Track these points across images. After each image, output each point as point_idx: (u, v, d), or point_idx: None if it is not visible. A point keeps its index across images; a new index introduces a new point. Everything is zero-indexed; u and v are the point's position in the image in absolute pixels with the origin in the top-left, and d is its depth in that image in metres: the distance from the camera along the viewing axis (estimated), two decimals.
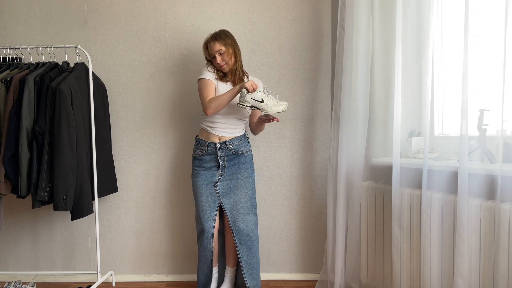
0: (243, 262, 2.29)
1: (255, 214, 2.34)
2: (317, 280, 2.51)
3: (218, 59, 2.24)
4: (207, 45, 2.28)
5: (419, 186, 1.86)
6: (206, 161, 2.30)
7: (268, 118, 2.24)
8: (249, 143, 2.39)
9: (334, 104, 2.33)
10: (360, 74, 2.15)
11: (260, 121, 2.31)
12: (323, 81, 2.65)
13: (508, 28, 1.48)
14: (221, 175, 2.29)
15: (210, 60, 2.31)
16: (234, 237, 2.28)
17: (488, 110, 1.68)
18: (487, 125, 1.69)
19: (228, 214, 2.28)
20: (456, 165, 1.65)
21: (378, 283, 2.14)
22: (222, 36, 2.27)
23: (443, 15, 2.03)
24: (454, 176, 1.68)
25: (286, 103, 2.21)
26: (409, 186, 1.95)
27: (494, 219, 1.54)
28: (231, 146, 2.28)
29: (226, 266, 2.42)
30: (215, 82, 2.30)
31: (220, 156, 2.28)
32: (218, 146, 2.27)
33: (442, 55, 2.03)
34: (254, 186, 2.37)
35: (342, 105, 2.23)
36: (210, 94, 2.24)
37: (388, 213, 2.02)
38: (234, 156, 2.30)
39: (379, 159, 2.16)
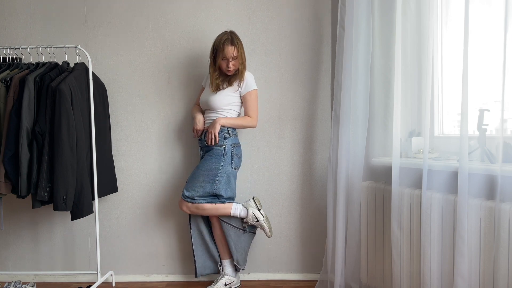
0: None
1: (210, 186, 2.32)
2: (317, 280, 2.51)
3: (231, 64, 2.31)
4: (223, 46, 2.28)
5: (419, 186, 1.86)
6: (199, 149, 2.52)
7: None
8: (225, 139, 2.35)
9: (334, 104, 2.33)
10: (360, 74, 2.15)
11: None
12: (323, 81, 2.65)
13: (508, 28, 1.48)
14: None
15: (215, 58, 2.34)
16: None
17: (488, 110, 1.68)
18: (487, 125, 1.69)
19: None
20: (456, 165, 1.65)
21: (378, 283, 2.14)
22: (237, 41, 2.32)
23: (442, 15, 2.03)
24: (454, 176, 1.68)
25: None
26: (409, 186, 1.95)
27: (494, 219, 1.54)
28: (204, 138, 2.41)
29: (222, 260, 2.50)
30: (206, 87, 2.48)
31: (200, 147, 2.46)
32: (201, 136, 2.44)
33: (442, 55, 2.03)
34: (216, 181, 2.31)
35: (342, 105, 2.23)
36: (197, 99, 2.59)
37: (388, 213, 2.02)
38: (207, 148, 2.40)
39: (379, 159, 2.16)
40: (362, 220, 2.22)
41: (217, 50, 2.31)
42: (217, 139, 2.33)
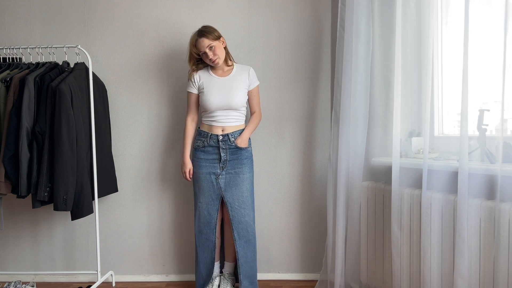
0: (239, 257, 2.32)
1: (254, 210, 2.38)
2: (317, 280, 2.51)
3: (210, 54, 2.26)
4: (194, 43, 2.28)
5: (419, 186, 1.86)
6: (208, 153, 2.33)
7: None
8: (249, 138, 2.41)
9: (334, 104, 2.33)
10: (360, 74, 2.15)
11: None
12: (323, 81, 2.65)
13: (508, 28, 1.48)
14: (223, 168, 2.31)
15: (197, 58, 2.34)
16: (233, 232, 2.31)
17: (488, 110, 1.68)
18: (487, 125, 1.69)
19: (230, 208, 2.30)
20: (456, 165, 1.65)
21: (378, 283, 2.14)
22: (209, 30, 2.27)
23: (442, 15, 2.03)
24: (454, 176, 1.68)
25: None
26: (409, 186, 1.95)
27: (494, 219, 1.54)
28: (233, 139, 2.31)
29: (225, 262, 2.47)
30: (203, 86, 2.34)
31: (223, 148, 2.30)
32: (221, 138, 2.30)
33: (442, 55, 2.03)
34: (253, 182, 2.42)
35: (342, 105, 2.23)
36: (190, 107, 2.42)
37: (388, 213, 2.03)
38: (236, 150, 2.32)
39: (379, 159, 2.16)
40: (362, 220, 2.22)
41: (193, 50, 2.29)
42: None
